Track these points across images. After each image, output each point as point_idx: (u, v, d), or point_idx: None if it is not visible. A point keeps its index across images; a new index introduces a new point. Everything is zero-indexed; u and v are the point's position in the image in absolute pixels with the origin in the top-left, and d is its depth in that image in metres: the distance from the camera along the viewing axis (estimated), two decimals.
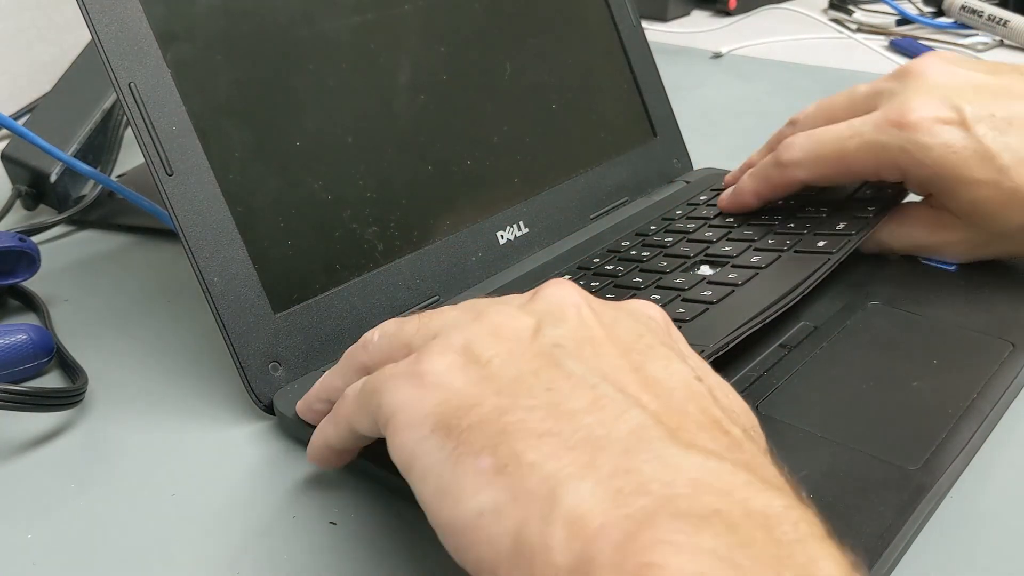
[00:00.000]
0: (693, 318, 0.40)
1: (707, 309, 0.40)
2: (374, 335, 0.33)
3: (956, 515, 0.33)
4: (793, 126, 0.50)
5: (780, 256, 0.44)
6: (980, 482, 0.34)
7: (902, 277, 0.46)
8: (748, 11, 1.06)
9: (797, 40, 0.97)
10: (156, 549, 0.33)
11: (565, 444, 0.24)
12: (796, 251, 0.45)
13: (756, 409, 0.36)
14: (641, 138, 0.58)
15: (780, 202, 0.50)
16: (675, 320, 0.39)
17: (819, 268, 0.42)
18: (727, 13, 1.07)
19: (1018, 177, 0.41)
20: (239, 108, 0.40)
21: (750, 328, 0.38)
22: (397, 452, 0.27)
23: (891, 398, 0.37)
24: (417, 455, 0.26)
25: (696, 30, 1.02)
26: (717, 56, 0.94)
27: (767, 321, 0.39)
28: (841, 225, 0.46)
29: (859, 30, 0.99)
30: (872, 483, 0.32)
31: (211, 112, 0.39)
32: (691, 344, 0.37)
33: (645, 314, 0.31)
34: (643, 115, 0.58)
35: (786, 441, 0.35)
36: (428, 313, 0.32)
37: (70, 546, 0.34)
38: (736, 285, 0.42)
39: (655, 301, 0.42)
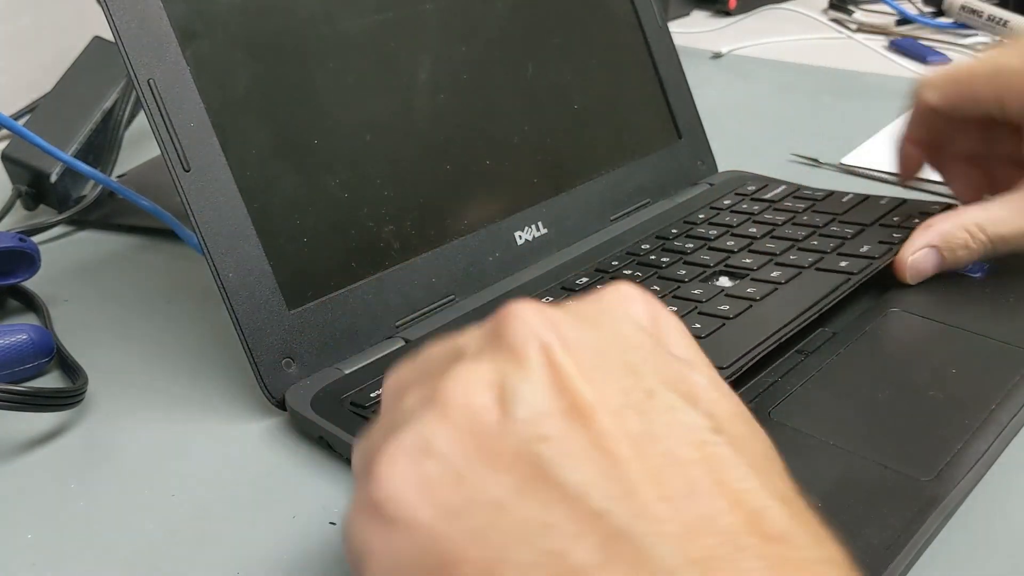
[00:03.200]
0: (708, 334, 0.39)
1: (723, 325, 0.40)
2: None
3: (967, 529, 0.32)
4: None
5: (801, 273, 0.44)
6: (994, 496, 0.33)
7: (925, 283, 0.45)
8: (748, 11, 1.06)
9: (797, 40, 0.97)
10: (156, 549, 0.33)
11: None
12: (818, 269, 0.44)
13: (768, 416, 0.36)
14: (665, 140, 0.57)
15: (806, 218, 0.50)
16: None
17: (838, 287, 0.42)
18: (727, 13, 1.07)
19: None
20: (257, 105, 0.40)
21: (764, 349, 0.38)
22: None
23: (907, 407, 0.36)
24: None
25: (696, 30, 1.01)
26: (717, 56, 0.94)
27: (782, 340, 0.39)
28: (865, 248, 0.45)
29: (859, 30, 0.99)
30: (882, 493, 0.32)
31: (229, 109, 0.39)
32: None
33: (628, 319, 0.25)
34: (668, 116, 0.58)
35: (797, 448, 0.34)
36: (399, 373, 0.27)
37: (70, 546, 0.34)
38: (754, 300, 0.42)
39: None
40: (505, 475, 0.21)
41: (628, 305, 0.26)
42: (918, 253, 0.44)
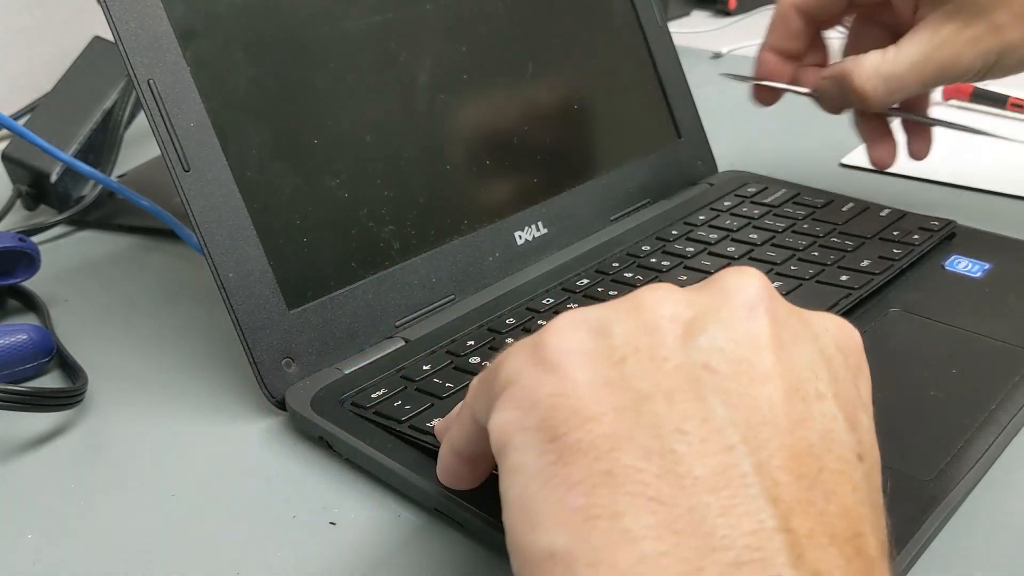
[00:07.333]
0: None
1: None
2: None
3: (967, 529, 0.32)
4: None
5: (802, 284, 0.44)
6: (994, 496, 0.33)
7: (925, 283, 0.45)
8: (748, 11, 1.06)
9: None
10: (156, 549, 0.33)
11: (672, 524, 0.21)
12: (818, 281, 0.44)
13: None
14: (665, 139, 0.57)
15: (806, 226, 0.50)
16: None
17: (838, 302, 0.42)
18: (727, 13, 1.07)
19: None
20: (257, 105, 0.40)
21: None
22: (496, 430, 0.24)
23: (907, 406, 0.36)
24: (515, 445, 0.23)
25: (696, 30, 1.01)
26: (717, 56, 0.94)
27: None
28: (865, 263, 0.45)
29: None
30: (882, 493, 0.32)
31: (229, 109, 0.39)
32: None
33: (835, 342, 0.25)
34: (667, 116, 0.58)
35: None
36: None
37: (70, 546, 0.34)
38: None
39: None
40: (663, 377, 0.23)
41: (843, 332, 0.26)
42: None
